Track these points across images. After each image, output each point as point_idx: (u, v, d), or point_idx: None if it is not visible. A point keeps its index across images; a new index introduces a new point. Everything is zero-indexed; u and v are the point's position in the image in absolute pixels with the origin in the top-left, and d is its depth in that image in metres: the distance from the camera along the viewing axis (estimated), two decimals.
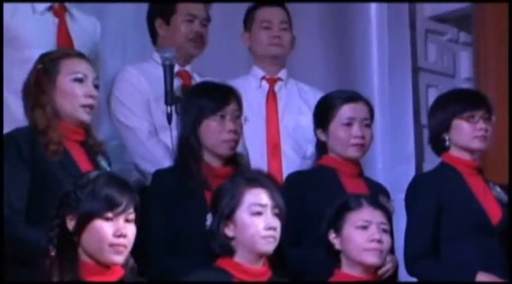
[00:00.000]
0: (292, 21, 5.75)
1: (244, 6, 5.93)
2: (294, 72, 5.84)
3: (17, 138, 4.60)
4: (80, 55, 4.81)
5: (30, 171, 4.47)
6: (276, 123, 5.70)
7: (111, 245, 4.01)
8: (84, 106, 4.65)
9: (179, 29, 5.53)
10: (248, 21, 5.78)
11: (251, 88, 5.65)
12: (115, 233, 4.01)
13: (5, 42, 5.17)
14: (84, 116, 4.66)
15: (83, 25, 5.41)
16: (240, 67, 5.89)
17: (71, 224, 4.03)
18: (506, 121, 6.06)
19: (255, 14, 5.75)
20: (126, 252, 4.06)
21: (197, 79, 5.51)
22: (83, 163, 4.62)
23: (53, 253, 4.01)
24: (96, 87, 4.71)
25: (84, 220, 4.02)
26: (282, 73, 5.80)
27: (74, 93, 4.65)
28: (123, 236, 4.03)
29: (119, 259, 4.04)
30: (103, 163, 4.68)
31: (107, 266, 4.06)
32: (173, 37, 5.52)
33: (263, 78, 5.78)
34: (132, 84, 5.45)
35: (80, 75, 4.66)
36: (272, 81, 5.78)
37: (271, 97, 5.75)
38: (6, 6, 5.21)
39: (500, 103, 5.77)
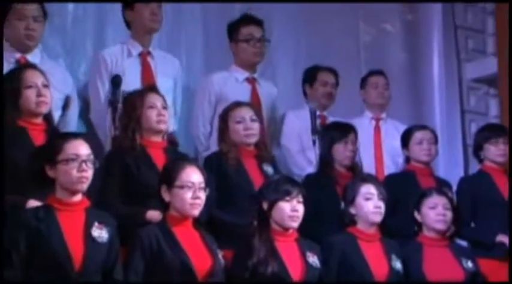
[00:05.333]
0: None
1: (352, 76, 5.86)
2: (389, 112, 5.74)
3: (211, 159, 4.61)
4: (240, 104, 4.71)
5: (219, 179, 4.38)
6: (380, 145, 5.59)
7: (290, 216, 4.10)
8: (246, 135, 4.59)
9: (319, 90, 5.47)
10: (363, 83, 5.66)
11: (364, 124, 5.53)
12: (291, 209, 4.10)
13: (219, 101, 5.08)
14: (248, 140, 4.59)
15: (266, 89, 5.32)
16: (354, 111, 5.75)
17: (265, 206, 4.12)
18: None
19: (368, 79, 5.65)
20: (298, 221, 4.12)
21: (330, 118, 5.42)
22: (252, 170, 4.58)
23: (255, 224, 4.11)
24: (253, 120, 4.60)
25: (273, 202, 4.11)
26: (383, 115, 5.67)
27: (237, 131, 4.59)
28: (296, 211, 4.11)
29: (295, 224, 4.13)
30: (266, 168, 4.61)
31: (287, 230, 4.12)
32: (315, 95, 5.45)
33: (372, 118, 5.65)
34: (290, 122, 5.40)
35: (239, 119, 4.61)
36: (377, 120, 5.66)
37: (377, 129, 5.64)
38: (219, 77, 5.15)
39: None
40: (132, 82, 4.65)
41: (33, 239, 3.51)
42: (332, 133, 4.88)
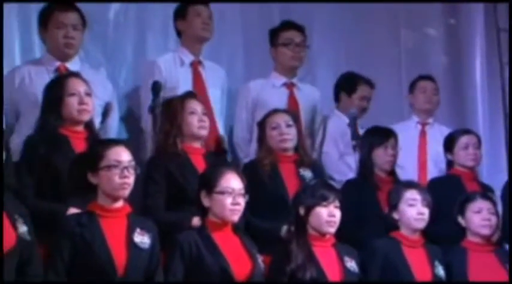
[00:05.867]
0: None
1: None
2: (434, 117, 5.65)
3: (248, 166, 4.60)
4: (276, 110, 4.69)
5: (254, 185, 4.22)
6: (425, 150, 5.50)
7: (327, 221, 4.07)
8: (281, 141, 4.56)
9: (355, 102, 5.40)
10: (412, 88, 5.59)
11: (410, 128, 5.49)
12: (328, 214, 4.07)
13: (256, 108, 5.06)
14: (284, 146, 4.57)
15: (306, 93, 5.24)
16: (394, 117, 5.67)
17: (301, 211, 4.08)
18: None
19: (416, 84, 5.57)
20: (336, 226, 4.10)
21: (360, 130, 5.11)
22: (288, 175, 4.52)
23: (292, 229, 4.10)
24: (289, 126, 4.57)
25: (310, 208, 4.08)
26: (430, 120, 5.59)
27: (273, 137, 4.57)
28: (333, 216, 4.08)
29: (332, 230, 4.10)
30: (303, 173, 4.55)
31: (324, 235, 4.08)
32: (349, 105, 5.37)
33: (418, 122, 5.57)
34: (330, 128, 5.34)
35: (274, 125, 4.59)
36: (424, 124, 5.58)
37: (423, 134, 5.56)
38: (256, 84, 5.15)
39: None
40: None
41: (76, 245, 3.55)
42: (372, 138, 4.83)
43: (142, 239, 3.65)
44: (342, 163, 5.27)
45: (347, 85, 5.48)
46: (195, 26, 4.95)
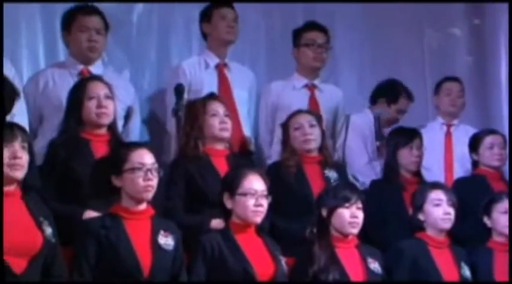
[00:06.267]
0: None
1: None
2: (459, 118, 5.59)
3: (272, 168, 4.57)
4: (299, 111, 4.66)
5: (278, 187, 4.23)
6: (451, 151, 5.45)
7: (349, 223, 4.05)
8: (304, 141, 4.53)
9: (391, 112, 5.36)
10: (437, 89, 5.51)
11: (435, 129, 5.44)
12: (351, 216, 4.05)
13: (277, 109, 5.02)
14: (307, 146, 4.53)
15: (328, 94, 5.19)
16: (418, 118, 5.59)
17: (324, 212, 4.07)
18: None
19: (442, 85, 5.51)
20: (358, 227, 4.06)
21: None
22: (313, 176, 4.51)
23: (314, 230, 4.07)
24: (312, 126, 4.55)
25: (332, 209, 4.06)
26: (455, 121, 5.54)
27: (296, 137, 4.54)
28: (356, 217, 4.06)
29: (355, 231, 4.07)
30: (328, 174, 4.53)
31: (346, 236, 4.06)
32: (387, 112, 5.34)
33: (443, 123, 5.51)
34: (356, 126, 5.24)
35: (297, 125, 4.56)
36: (449, 126, 5.52)
37: (448, 135, 5.51)
38: (277, 85, 5.13)
39: None
40: None
41: (102, 247, 3.56)
42: (397, 139, 4.81)
43: (166, 241, 3.67)
44: (369, 167, 5.22)
45: (390, 93, 5.43)
46: (220, 29, 4.96)
